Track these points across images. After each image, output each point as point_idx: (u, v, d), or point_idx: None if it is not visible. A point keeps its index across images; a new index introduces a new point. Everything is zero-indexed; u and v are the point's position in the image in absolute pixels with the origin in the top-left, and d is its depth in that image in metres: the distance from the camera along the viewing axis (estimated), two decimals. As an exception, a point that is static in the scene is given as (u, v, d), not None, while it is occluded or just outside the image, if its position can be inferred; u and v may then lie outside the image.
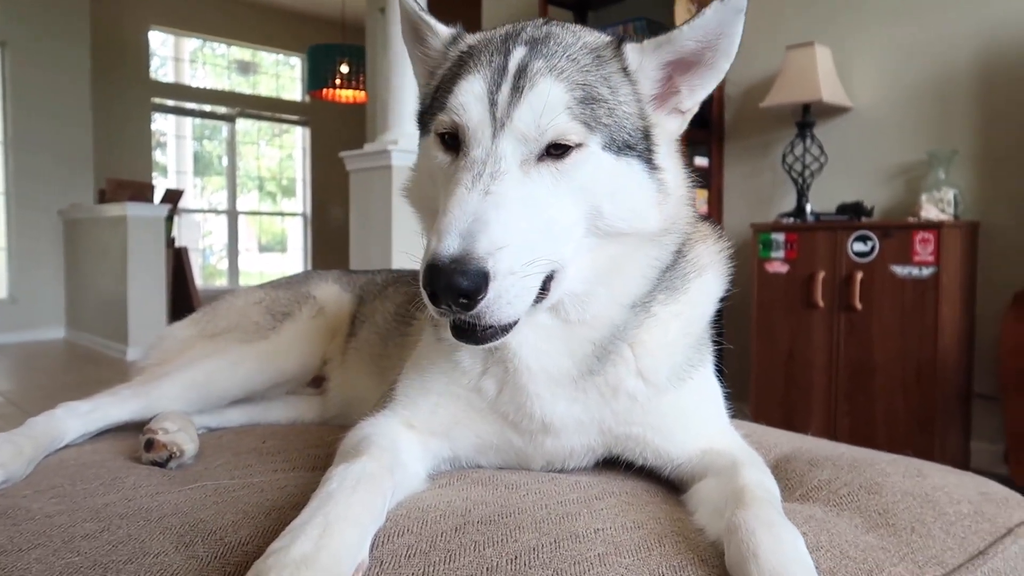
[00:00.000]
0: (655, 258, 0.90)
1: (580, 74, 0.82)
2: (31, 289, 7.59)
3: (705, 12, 0.83)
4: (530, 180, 0.78)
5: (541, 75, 0.80)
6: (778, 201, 4.10)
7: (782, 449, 1.11)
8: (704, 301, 0.97)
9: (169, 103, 9.85)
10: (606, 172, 0.81)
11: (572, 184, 0.80)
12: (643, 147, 0.84)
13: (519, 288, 0.73)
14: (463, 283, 0.70)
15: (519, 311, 0.75)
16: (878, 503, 0.89)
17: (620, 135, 0.82)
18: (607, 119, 0.81)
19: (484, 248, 0.71)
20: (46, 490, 0.91)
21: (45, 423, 1.13)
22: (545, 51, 0.83)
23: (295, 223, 11.33)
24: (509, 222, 0.74)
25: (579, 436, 0.93)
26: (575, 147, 0.79)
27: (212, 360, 1.26)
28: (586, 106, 0.80)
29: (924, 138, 3.60)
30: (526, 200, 0.77)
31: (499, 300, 0.72)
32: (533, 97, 0.79)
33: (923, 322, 3.22)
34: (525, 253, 0.74)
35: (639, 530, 0.79)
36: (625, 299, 0.89)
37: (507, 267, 0.72)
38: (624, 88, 0.85)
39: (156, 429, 1.08)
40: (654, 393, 0.92)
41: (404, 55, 4.47)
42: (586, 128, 0.80)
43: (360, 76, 7.67)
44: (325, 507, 0.69)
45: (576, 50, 0.84)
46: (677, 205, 0.89)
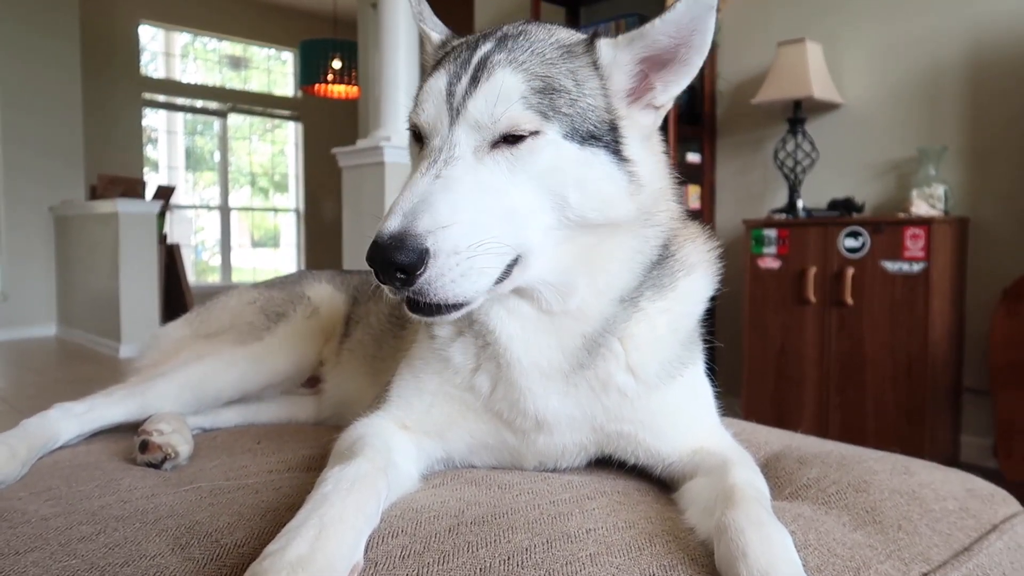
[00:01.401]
0: (636, 251, 0.91)
1: (542, 66, 0.84)
2: (22, 286, 7.56)
3: (677, 6, 0.84)
4: (483, 166, 0.80)
5: (500, 66, 0.83)
6: (770, 197, 4.12)
7: (772, 447, 1.12)
8: (693, 300, 0.98)
9: (160, 98, 9.80)
10: (569, 161, 0.83)
11: (530, 171, 0.81)
12: (609, 138, 0.86)
13: (465, 268, 0.75)
14: (399, 258, 0.72)
15: (467, 291, 0.76)
16: (866, 501, 0.90)
17: (583, 125, 0.84)
18: (568, 109, 0.83)
19: (424, 226, 0.74)
20: (42, 492, 0.92)
21: (39, 424, 1.13)
22: (511, 45, 0.86)
23: (288, 219, 11.30)
24: (456, 203, 0.76)
25: (571, 433, 0.94)
26: (529, 135, 0.81)
27: (206, 361, 1.27)
28: (544, 96, 0.82)
29: (914, 134, 3.62)
30: (478, 185, 0.79)
31: (441, 278, 0.74)
32: (488, 87, 0.82)
33: (913, 317, 3.24)
34: (474, 234, 0.76)
35: (630, 530, 0.80)
36: (610, 292, 0.91)
37: (451, 246, 0.74)
38: (592, 82, 0.86)
39: (151, 431, 1.08)
40: (644, 390, 0.93)
41: (396, 51, 4.46)
42: (542, 117, 0.81)
43: (352, 71, 7.65)
44: (320, 509, 0.70)
45: (544, 45, 0.87)
46: (654, 197, 0.91)
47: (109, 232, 6.49)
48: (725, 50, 4.32)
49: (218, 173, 10.64)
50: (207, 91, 10.21)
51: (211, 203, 10.62)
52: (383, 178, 4.19)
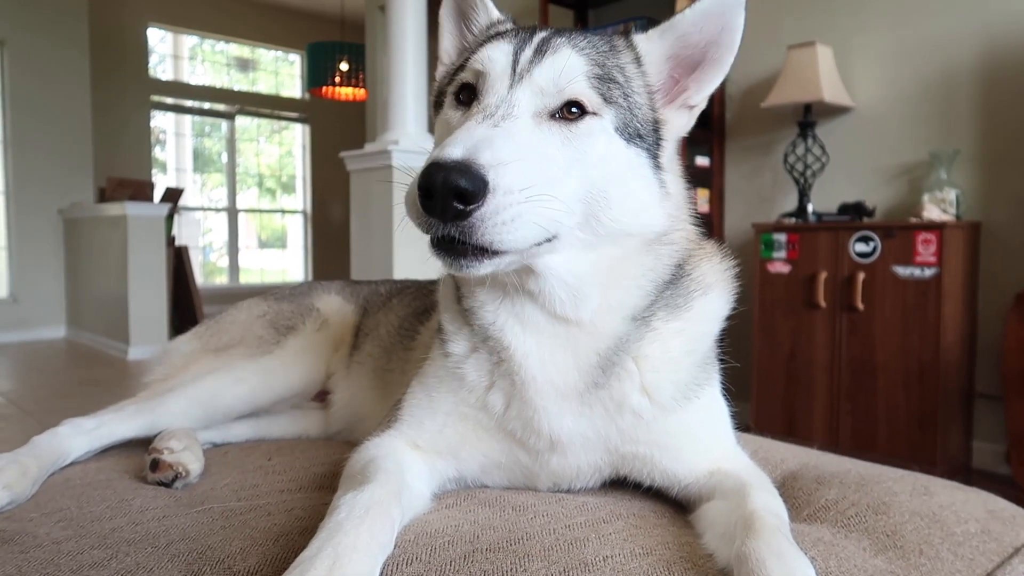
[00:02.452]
0: (649, 268, 0.90)
1: (599, 56, 0.86)
2: (32, 288, 7.59)
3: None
4: (540, 131, 0.80)
5: (564, 46, 0.85)
6: (779, 201, 4.09)
7: (788, 465, 1.10)
8: (708, 319, 0.97)
9: (168, 101, 9.83)
10: (616, 155, 0.84)
11: (581, 151, 0.82)
12: (652, 140, 0.86)
13: (517, 211, 0.73)
14: (462, 182, 0.69)
15: (513, 239, 0.74)
16: (886, 524, 0.89)
17: (633, 122, 0.85)
18: (622, 100, 0.84)
19: (487, 159, 0.72)
20: (53, 513, 0.91)
21: (49, 441, 1.13)
22: (567, 35, 0.88)
23: (295, 220, 11.32)
24: (519, 149, 0.76)
25: (586, 454, 0.93)
26: (589, 114, 0.82)
27: (216, 376, 1.26)
28: (603, 83, 0.84)
29: (926, 138, 3.59)
30: (539, 143, 0.79)
31: (496, 216, 0.72)
32: (555, 59, 0.84)
33: (925, 322, 3.22)
34: (529, 178, 0.74)
35: (648, 557, 0.78)
36: (621, 309, 0.89)
37: (509, 183, 0.72)
38: (637, 79, 0.87)
39: (161, 448, 1.07)
40: (660, 412, 0.92)
41: (404, 54, 4.45)
42: (603, 100, 0.83)
43: (360, 74, 7.65)
44: (334, 538, 0.69)
45: (595, 40, 0.89)
46: (676, 208, 0.91)
47: (118, 234, 6.51)
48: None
49: (226, 175, 10.67)
50: (215, 93, 10.24)
51: (219, 204, 10.65)
52: (391, 182, 4.18)
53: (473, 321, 0.93)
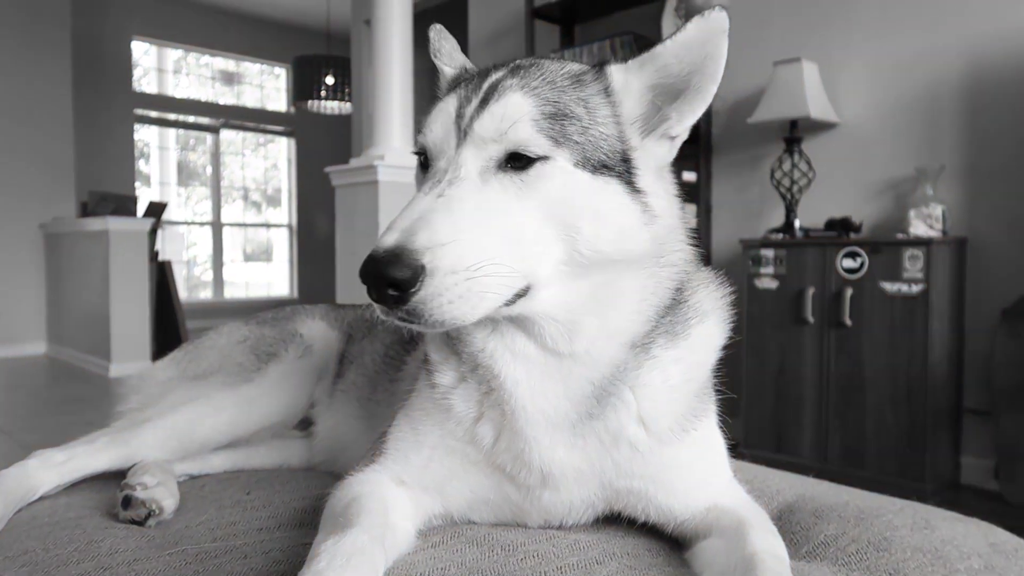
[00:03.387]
0: (650, 292, 0.87)
1: (553, 93, 0.82)
2: (11, 304, 7.47)
3: (687, 27, 0.81)
4: (489, 187, 0.78)
5: (511, 89, 0.81)
6: (766, 216, 4.09)
7: (784, 497, 1.07)
8: (706, 348, 0.94)
9: (152, 114, 9.76)
10: (580, 189, 0.80)
11: (539, 197, 0.78)
12: (622, 168, 0.83)
13: (463, 289, 0.71)
14: (393, 272, 0.69)
15: (466, 313, 0.73)
16: (888, 562, 0.86)
17: (595, 154, 0.81)
18: (579, 137, 0.80)
19: (422, 242, 0.71)
20: (17, 556, 0.86)
21: (17, 476, 1.08)
22: (523, 73, 0.84)
23: (280, 233, 11.25)
24: (457, 221, 0.74)
25: (579, 488, 0.89)
26: (538, 159, 0.78)
27: (194, 406, 1.22)
28: (555, 121, 0.80)
29: (912, 153, 3.60)
30: (483, 205, 0.77)
31: (438, 298, 0.71)
32: (496, 106, 0.80)
33: (913, 338, 3.21)
34: (476, 254, 0.73)
35: (643, 602, 0.75)
36: (621, 336, 0.86)
37: (448, 265, 0.71)
38: (604, 110, 0.84)
39: (134, 484, 1.03)
40: (656, 444, 0.88)
41: (390, 68, 4.43)
42: (552, 142, 0.79)
43: (346, 87, 7.63)
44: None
45: (556, 75, 0.85)
46: (668, 232, 0.87)
47: (100, 250, 6.43)
48: (720, 68, 4.30)
49: (210, 188, 10.59)
50: (200, 106, 10.18)
51: (203, 217, 10.56)
52: (376, 197, 4.15)
53: (461, 349, 0.90)
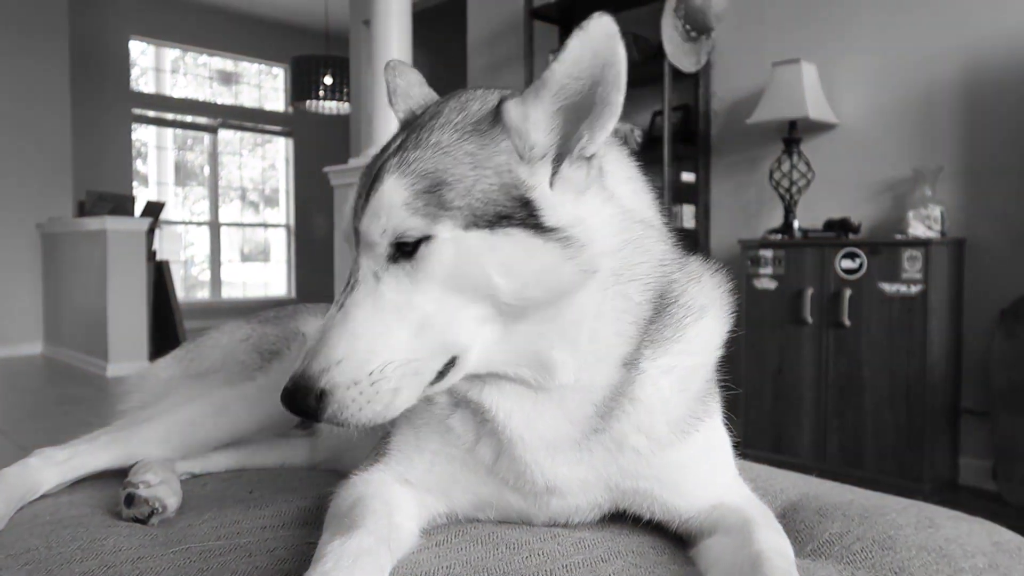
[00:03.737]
0: (621, 311, 0.83)
1: (434, 159, 0.77)
2: (8, 303, 7.46)
3: (569, 43, 0.73)
4: (384, 285, 0.77)
5: (388, 173, 0.77)
6: (765, 217, 4.10)
7: (788, 495, 1.08)
8: (704, 348, 0.91)
9: (150, 114, 9.75)
10: (477, 251, 0.76)
11: (433, 278, 0.76)
12: (523, 214, 0.77)
13: (370, 394, 0.74)
14: (297, 405, 0.74)
15: (381, 412, 0.75)
16: (893, 560, 0.86)
17: (487, 209, 0.76)
18: (463, 199, 0.75)
19: (318, 366, 0.74)
20: (19, 555, 0.86)
21: (19, 474, 1.07)
22: (411, 141, 0.80)
23: (278, 233, 11.24)
24: (353, 333, 0.75)
25: (585, 494, 0.89)
26: (421, 242, 0.75)
27: (196, 404, 1.21)
28: (431, 195, 0.75)
29: (910, 154, 3.61)
30: (377, 307, 0.77)
31: (347, 409, 0.74)
32: (374, 201, 0.77)
33: (911, 338, 3.22)
34: (375, 360, 0.75)
35: (650, 600, 0.75)
36: (610, 358, 0.84)
37: (348, 379, 0.74)
38: (498, 157, 0.78)
39: (137, 482, 1.02)
40: (657, 447, 0.88)
41: (389, 69, 4.43)
42: (429, 219, 0.75)
43: (344, 87, 7.62)
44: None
45: (447, 130, 0.80)
46: (607, 254, 0.81)
47: (97, 249, 6.41)
48: (719, 70, 4.31)
49: (208, 188, 10.58)
50: (197, 106, 10.17)
51: (201, 217, 10.55)
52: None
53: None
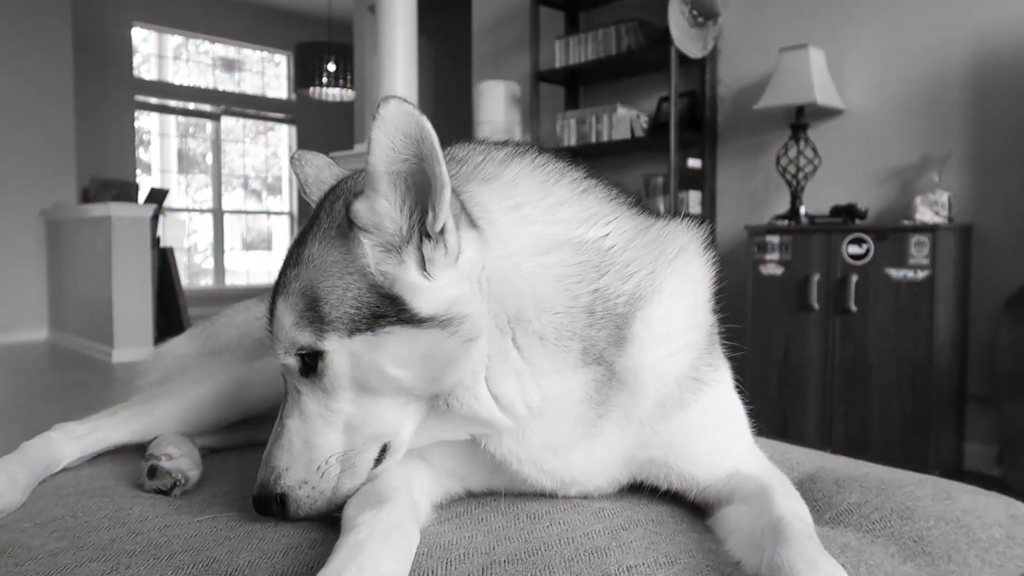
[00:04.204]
0: (552, 340, 0.82)
1: (306, 276, 0.79)
2: (12, 290, 7.47)
3: (373, 135, 0.71)
4: (304, 396, 0.83)
5: (279, 296, 0.82)
6: (772, 203, 4.09)
7: (804, 468, 1.08)
8: (671, 346, 0.87)
9: (152, 101, 9.73)
10: (365, 354, 0.77)
11: (339, 384, 0.80)
12: (395, 310, 0.76)
13: (321, 487, 0.82)
14: (265, 511, 0.84)
15: (333, 499, 0.83)
16: (911, 529, 0.87)
17: (363, 313, 0.76)
18: (336, 311, 0.77)
19: (271, 476, 0.83)
20: (47, 523, 0.87)
21: (40, 447, 1.08)
22: (292, 256, 0.83)
23: (281, 221, 11.24)
24: (289, 444, 0.83)
25: (603, 473, 0.90)
26: (319, 355, 0.79)
27: (214, 380, 1.22)
28: (311, 311, 0.78)
29: (917, 140, 3.60)
30: (304, 418, 0.83)
31: (302, 504, 0.83)
32: (274, 324, 0.83)
33: (918, 324, 3.22)
34: (314, 463, 0.82)
35: (673, 566, 0.76)
36: (560, 368, 0.83)
37: (298, 480, 0.82)
38: (361, 260, 0.77)
39: (159, 455, 1.03)
40: (661, 414, 0.88)
41: (394, 54, 4.42)
42: (316, 335, 0.78)
43: (347, 74, 7.61)
44: (357, 558, 0.67)
45: (316, 238, 0.81)
46: (496, 310, 0.80)
47: (102, 236, 6.42)
48: (726, 56, 4.30)
49: (211, 176, 10.57)
50: (200, 93, 10.15)
51: (203, 205, 10.55)
52: (381, 183, 4.15)
53: None
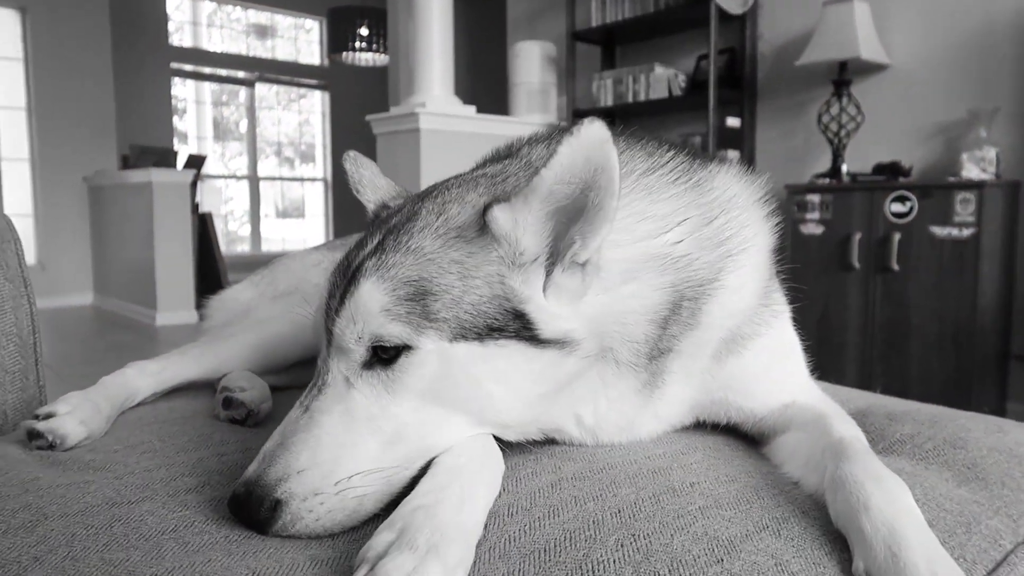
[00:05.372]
0: (634, 338, 0.82)
1: (416, 266, 0.74)
2: (58, 255, 7.68)
3: (560, 149, 0.69)
4: (356, 391, 0.74)
5: (365, 277, 0.74)
6: (812, 162, 4.04)
7: (856, 404, 1.10)
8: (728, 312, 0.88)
9: (187, 68, 9.81)
10: (463, 365, 0.73)
11: (415, 388, 0.73)
12: (517, 326, 0.74)
13: (333, 503, 0.70)
14: (244, 512, 0.70)
15: (343, 521, 0.71)
16: (965, 457, 0.89)
17: (476, 321, 0.73)
18: (448, 312, 0.72)
19: (276, 474, 0.70)
20: (136, 446, 0.93)
21: (117, 381, 1.14)
22: (390, 243, 0.77)
23: (315, 188, 11.33)
24: (318, 441, 0.72)
25: (669, 425, 0.94)
26: (404, 349, 0.72)
27: (276, 323, 1.27)
28: (415, 303, 0.72)
29: (965, 95, 3.52)
30: (347, 415, 0.73)
31: (300, 521, 0.69)
32: (350, 304, 0.74)
33: (962, 283, 3.19)
34: (343, 470, 0.71)
35: (734, 484, 0.79)
36: (634, 368, 0.84)
37: (309, 489, 0.70)
38: (487, 267, 0.74)
39: (233, 388, 1.09)
40: (720, 364, 0.90)
41: (430, 16, 4.41)
42: (413, 329, 0.72)
43: (380, 38, 7.59)
44: (460, 479, 0.71)
45: (428, 234, 0.76)
46: (611, 333, 0.80)
47: (143, 201, 6.55)
48: (767, 11, 4.22)
49: (246, 143, 10.67)
50: (234, 60, 10.21)
51: (238, 173, 10.67)
52: (418, 144, 4.18)
53: None
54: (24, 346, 1.19)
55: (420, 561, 0.59)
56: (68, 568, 0.64)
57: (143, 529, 0.70)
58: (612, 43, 5.03)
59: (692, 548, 0.66)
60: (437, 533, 0.62)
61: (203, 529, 0.70)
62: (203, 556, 0.65)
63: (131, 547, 0.67)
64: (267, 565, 0.64)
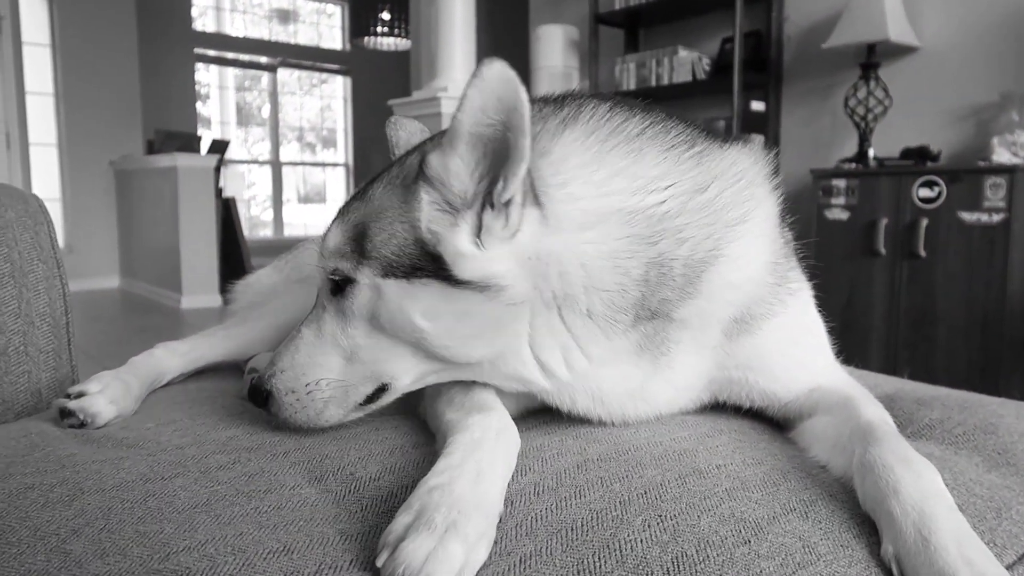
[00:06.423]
0: (607, 298, 0.81)
1: (365, 211, 0.85)
2: (86, 239, 7.79)
3: (468, 92, 0.71)
4: (327, 313, 0.87)
5: (334, 220, 0.89)
6: (838, 146, 3.99)
7: (884, 389, 1.09)
8: (735, 283, 0.86)
9: (211, 53, 9.86)
10: (392, 299, 0.81)
11: (359, 315, 0.84)
12: (434, 267, 0.78)
13: (305, 402, 0.87)
14: (253, 397, 0.90)
15: (311, 419, 0.87)
16: (995, 443, 0.88)
17: (402, 261, 0.80)
18: (378, 252, 0.81)
19: (270, 371, 0.89)
20: (167, 424, 0.94)
21: (146, 362, 1.16)
22: (362, 191, 0.89)
23: (337, 173, 11.37)
24: (295, 350, 0.88)
25: (687, 397, 0.93)
26: (348, 282, 0.84)
27: (301, 305, 1.28)
28: (357, 243, 0.83)
29: (996, 78, 3.45)
30: (317, 333, 0.88)
31: (284, 410, 0.87)
32: (324, 242, 0.88)
33: (991, 270, 3.14)
34: (307, 376, 0.87)
35: (760, 466, 0.79)
36: (618, 324, 0.83)
37: (287, 385, 0.87)
38: (416, 212, 0.79)
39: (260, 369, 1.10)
40: (732, 341, 0.89)
41: (452, 0, 4.39)
42: (352, 264, 0.83)
43: (402, 23, 7.57)
44: (476, 453, 0.72)
45: (383, 182, 0.87)
46: (541, 285, 0.80)
47: (168, 186, 6.62)
48: (793, -8, 4.15)
49: (268, 128, 10.72)
50: (256, 45, 10.24)
51: (260, 158, 10.73)
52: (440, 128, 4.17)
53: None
54: (57, 326, 1.21)
55: (439, 540, 0.60)
56: (104, 540, 0.65)
57: (176, 503, 0.71)
58: (635, 26, 4.99)
59: (719, 529, 0.66)
60: (455, 510, 0.62)
61: (234, 502, 0.71)
62: (234, 529, 0.66)
63: (165, 520, 0.68)
64: (297, 539, 0.65)
